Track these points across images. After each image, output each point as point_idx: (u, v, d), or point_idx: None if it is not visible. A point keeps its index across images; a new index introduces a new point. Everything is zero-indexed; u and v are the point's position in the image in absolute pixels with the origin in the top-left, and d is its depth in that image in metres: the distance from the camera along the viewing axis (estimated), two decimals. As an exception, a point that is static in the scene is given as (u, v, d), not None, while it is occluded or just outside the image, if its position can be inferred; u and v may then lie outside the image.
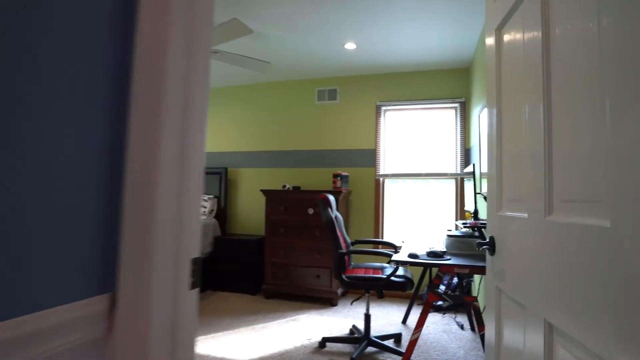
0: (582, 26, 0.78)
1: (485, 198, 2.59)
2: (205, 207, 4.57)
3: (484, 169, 2.87)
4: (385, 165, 4.35)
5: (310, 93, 4.64)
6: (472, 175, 2.70)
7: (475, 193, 2.41)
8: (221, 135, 5.01)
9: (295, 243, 4.02)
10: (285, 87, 4.75)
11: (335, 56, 3.89)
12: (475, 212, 2.58)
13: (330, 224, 2.59)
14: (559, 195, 0.89)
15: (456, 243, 2.49)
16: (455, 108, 4.18)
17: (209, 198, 4.67)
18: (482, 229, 2.45)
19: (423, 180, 4.24)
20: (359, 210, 4.35)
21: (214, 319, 3.43)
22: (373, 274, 2.71)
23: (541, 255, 0.95)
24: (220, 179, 4.79)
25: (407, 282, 2.51)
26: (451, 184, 4.15)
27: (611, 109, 0.68)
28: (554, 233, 0.89)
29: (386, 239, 4.31)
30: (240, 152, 4.89)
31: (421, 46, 3.61)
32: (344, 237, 2.98)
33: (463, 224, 2.51)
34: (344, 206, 4.14)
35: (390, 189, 4.35)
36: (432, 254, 2.28)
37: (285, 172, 4.67)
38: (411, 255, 2.27)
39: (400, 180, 4.31)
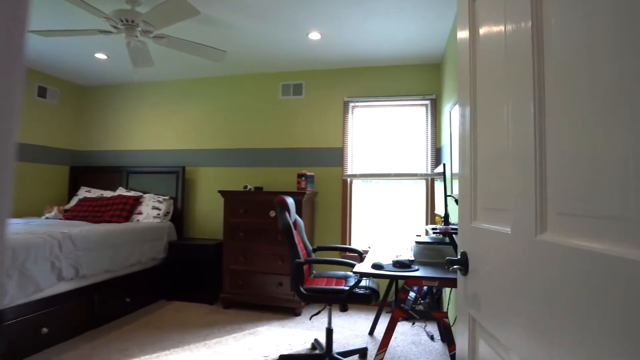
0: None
1: (456, 201, 2.39)
2: (159, 209, 4.20)
3: (456, 169, 2.68)
4: (353, 164, 4.12)
5: (274, 87, 4.35)
6: (442, 176, 2.49)
7: (446, 195, 2.20)
8: (178, 132, 4.64)
9: (256, 248, 3.72)
10: (248, 80, 4.44)
11: (299, 47, 3.62)
12: (446, 216, 2.38)
13: (287, 229, 2.32)
14: (556, 206, 0.66)
15: (425, 250, 2.27)
16: (425, 105, 3.99)
17: (164, 199, 4.30)
18: (454, 235, 2.25)
19: (392, 181, 4.04)
20: (326, 212, 4.10)
21: (164, 333, 3.09)
22: (336, 284, 2.47)
23: (529, 284, 0.72)
24: (177, 179, 4.42)
25: (372, 294, 2.27)
26: (421, 186, 3.97)
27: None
28: (548, 257, 0.66)
29: (354, 244, 4.09)
30: (199, 150, 4.54)
31: (390, 39, 3.39)
32: (304, 243, 2.72)
33: (433, 229, 2.30)
34: (309, 208, 3.88)
35: (359, 190, 4.12)
36: (398, 264, 2.05)
37: (247, 171, 4.36)
38: (375, 266, 2.03)
39: (369, 181, 4.10)
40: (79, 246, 3.03)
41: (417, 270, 1.98)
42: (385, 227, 4.03)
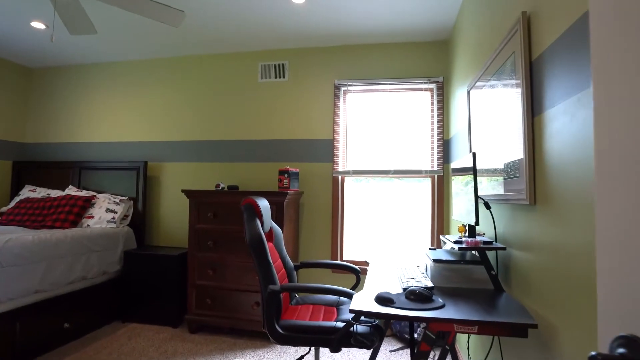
0: None
1: (487, 205, 1.77)
2: (115, 212, 3.51)
3: (478, 164, 2.06)
4: (345, 160, 3.48)
5: (252, 68, 3.69)
6: (467, 172, 1.88)
7: (477, 198, 1.58)
8: (140, 121, 3.94)
9: (228, 260, 3.06)
10: (222, 60, 3.77)
11: (280, 15, 2.98)
12: (473, 225, 1.76)
13: (257, 243, 1.68)
14: None
15: (447, 272, 1.65)
16: (431, 90, 3.38)
17: (122, 200, 3.61)
18: (486, 252, 1.63)
19: (392, 180, 3.42)
20: (312, 217, 3.46)
21: (105, 372, 2.42)
22: (325, 314, 1.83)
23: None
24: (138, 176, 3.74)
25: (375, 333, 1.64)
26: (426, 184, 3.36)
27: None
28: None
29: (347, 255, 3.45)
30: (164, 142, 3.86)
31: (389, 9, 2.77)
32: (283, 260, 2.08)
33: (456, 242, 1.68)
34: (293, 212, 3.24)
35: (352, 189, 3.49)
36: (414, 296, 1.43)
37: (220, 167, 3.70)
38: (382, 299, 1.40)
39: (362, 179, 3.47)
40: (-7, 261, 2.34)
41: (443, 306, 1.36)
42: (385, 236, 3.41)
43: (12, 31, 3.35)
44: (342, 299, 2.08)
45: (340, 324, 1.64)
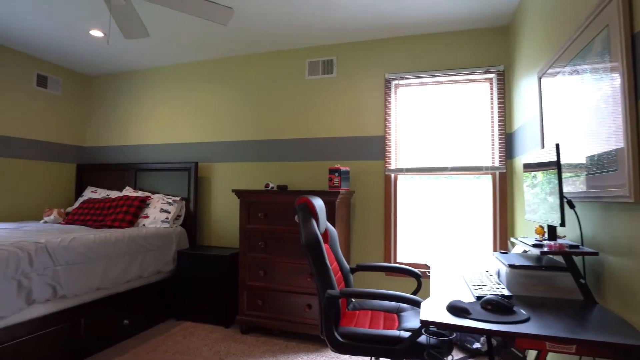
0: None
1: (571, 204, 1.57)
2: (168, 212, 3.59)
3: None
4: (398, 157, 3.33)
5: (299, 66, 3.63)
6: (543, 168, 1.67)
7: (562, 196, 1.39)
8: (189, 123, 4.01)
9: (279, 261, 3.01)
10: (268, 59, 3.74)
11: (328, 9, 2.88)
12: (554, 226, 1.56)
13: (315, 245, 1.59)
14: None
15: (526, 280, 1.47)
16: (490, 80, 3.14)
17: (175, 200, 3.68)
18: (572, 257, 1.43)
19: (449, 178, 3.21)
20: (364, 217, 3.34)
21: (162, 371, 2.45)
22: (385, 322, 1.71)
23: None
24: (189, 177, 3.80)
25: (444, 344, 1.49)
26: (487, 182, 3.12)
27: None
28: None
29: (400, 257, 3.29)
30: (214, 142, 3.90)
31: (448, -11, 2.59)
32: (340, 262, 1.97)
33: (536, 245, 1.50)
34: (344, 212, 3.13)
35: (406, 188, 3.33)
36: (492, 306, 1.27)
37: (269, 167, 3.67)
38: (455, 309, 1.25)
39: (418, 177, 3.29)
40: (59, 260, 2.43)
41: (528, 319, 1.19)
42: (442, 237, 3.21)
43: (73, 41, 3.52)
44: (403, 305, 1.94)
45: (405, 334, 1.51)
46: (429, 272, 3.03)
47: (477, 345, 2.70)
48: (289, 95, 3.64)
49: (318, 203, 1.76)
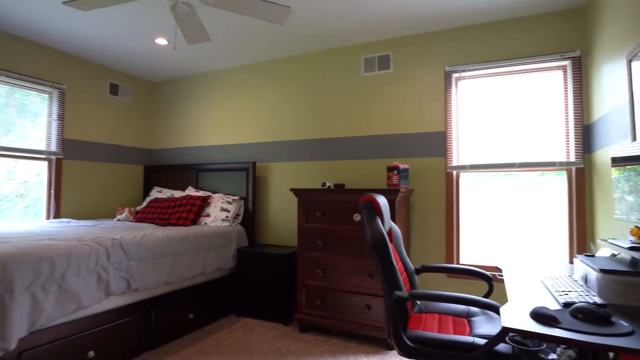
0: None
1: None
2: (228, 211, 3.70)
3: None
4: (460, 153, 3.17)
5: (354, 63, 3.58)
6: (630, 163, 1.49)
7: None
8: (246, 123, 4.11)
9: (337, 261, 2.98)
10: (323, 57, 3.73)
11: (384, 4, 2.80)
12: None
13: (381, 244, 1.53)
14: None
15: (621, 286, 1.31)
16: (563, 68, 2.89)
17: (234, 200, 3.79)
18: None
19: (517, 175, 3.00)
20: (425, 216, 3.21)
21: (225, 365, 2.51)
22: (454, 327, 1.61)
23: None
24: (247, 176, 3.89)
25: (524, 354, 1.37)
26: (561, 179, 2.88)
27: None
28: None
29: (463, 258, 3.12)
30: (271, 142, 3.96)
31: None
32: (404, 262, 1.90)
33: (634, 247, 1.33)
34: (404, 211, 3.04)
35: (469, 186, 3.16)
36: (584, 315, 1.14)
37: (325, 165, 3.66)
38: (540, 316, 1.14)
39: (483, 174, 3.11)
40: (132, 255, 2.58)
41: (632, 332, 1.05)
42: (511, 238, 3.00)
43: (140, 50, 3.74)
44: (473, 309, 1.82)
45: (480, 341, 1.41)
46: (499, 275, 2.84)
47: (552, 356, 2.48)
48: (344, 93, 3.60)
49: (382, 201, 1.70)
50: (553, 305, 1.30)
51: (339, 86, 3.63)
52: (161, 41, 3.53)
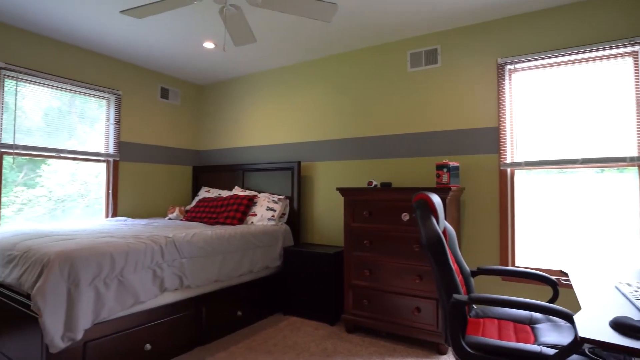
0: None
1: None
2: (274, 211, 3.74)
3: None
4: (515, 149, 2.99)
5: (400, 58, 3.49)
6: None
7: None
8: (291, 123, 4.13)
9: (384, 261, 2.92)
10: (367, 54, 3.66)
11: (435, -6, 2.70)
12: None
13: (437, 244, 1.46)
14: None
15: None
16: (634, 53, 2.65)
17: (279, 199, 3.83)
18: None
19: (578, 171, 2.79)
20: (476, 216, 3.07)
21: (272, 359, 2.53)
22: (516, 334, 1.51)
23: None
24: (292, 176, 3.91)
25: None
26: (631, 176, 2.64)
27: None
28: None
29: (519, 261, 2.95)
30: (315, 141, 3.95)
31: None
32: (460, 264, 1.81)
33: None
34: (455, 210, 2.92)
35: (525, 184, 2.98)
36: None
37: (370, 164, 3.60)
38: (625, 327, 1.03)
39: (540, 172, 2.92)
40: (184, 253, 2.67)
41: None
42: (573, 240, 2.80)
43: (189, 54, 3.87)
44: (536, 315, 1.70)
45: (548, 350, 1.30)
46: (563, 280, 2.66)
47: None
48: (390, 89, 3.52)
49: (436, 200, 1.63)
50: (634, 315, 1.17)
51: (385, 83, 3.55)
52: (208, 45, 3.63)
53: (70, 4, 2.88)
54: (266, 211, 3.74)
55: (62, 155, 3.58)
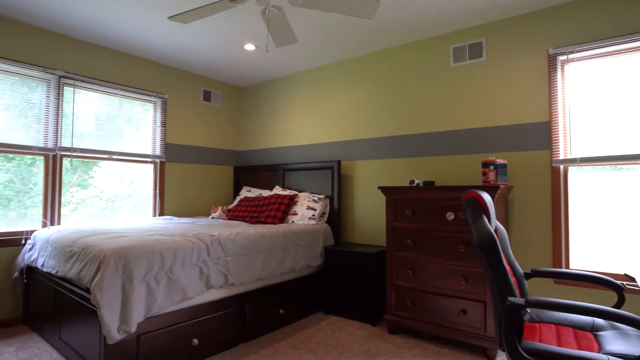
0: None
1: None
2: (314, 210, 3.75)
3: None
4: (569, 145, 2.82)
5: (442, 53, 3.39)
6: None
7: None
8: (330, 122, 4.13)
9: (427, 261, 2.85)
10: (408, 50, 3.59)
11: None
12: None
13: (490, 244, 1.40)
14: None
15: None
16: None
17: (320, 198, 3.83)
18: None
19: (629, 168, 2.59)
20: (525, 215, 2.93)
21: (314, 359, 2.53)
22: (579, 344, 1.41)
23: None
24: (332, 175, 3.90)
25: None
26: (703, 171, 2.41)
27: None
28: None
29: (574, 263, 2.78)
30: (355, 140, 3.93)
31: None
32: (512, 266, 1.72)
33: None
34: (502, 210, 2.79)
35: (580, 182, 2.80)
36: None
37: (412, 162, 3.52)
38: None
39: (592, 169, 2.74)
40: (228, 251, 2.73)
41: None
42: (635, 242, 2.60)
43: (230, 57, 3.96)
44: (598, 321, 1.59)
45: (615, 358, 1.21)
46: (629, 285, 2.47)
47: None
48: (432, 86, 3.43)
49: (487, 198, 1.56)
50: None
51: (426, 79, 3.46)
52: (249, 47, 3.70)
53: (121, 13, 3.02)
54: (307, 210, 3.76)
55: (114, 157, 3.77)
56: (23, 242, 3.16)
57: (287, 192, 4.09)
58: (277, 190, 4.27)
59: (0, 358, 2.54)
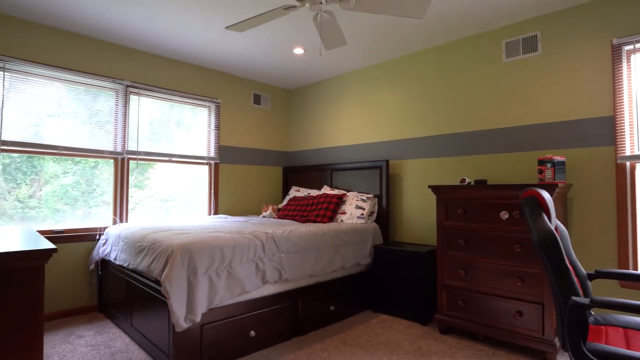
0: None
1: None
2: (363, 209, 3.79)
3: None
4: (637, 140, 2.66)
5: (494, 49, 3.30)
6: None
7: None
8: (378, 121, 4.15)
9: (480, 261, 2.80)
10: (457, 47, 3.53)
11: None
12: None
13: (551, 243, 1.37)
14: None
15: None
16: None
17: (368, 198, 3.87)
18: None
19: None
20: (586, 215, 2.79)
21: (367, 356, 2.57)
22: (650, 345, 1.36)
23: None
24: (381, 174, 3.93)
25: None
26: None
27: None
28: None
29: (645, 262, 2.62)
30: (403, 139, 3.92)
31: None
32: (574, 264, 1.67)
33: None
34: (561, 209, 2.69)
35: (648, 179, 2.63)
36: None
37: (462, 161, 3.46)
38: None
39: (668, 164, 2.56)
40: (281, 248, 2.85)
41: None
42: None
43: (280, 61, 4.10)
44: (672, 326, 1.51)
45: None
46: None
47: None
48: (483, 82, 3.36)
49: (547, 196, 1.53)
50: None
51: (477, 76, 3.39)
52: (298, 50, 3.81)
53: (182, 25, 3.24)
54: (355, 209, 3.81)
55: (174, 159, 4.04)
56: (97, 237, 3.48)
57: (336, 192, 4.16)
58: (326, 189, 4.35)
59: (83, 340, 2.82)
